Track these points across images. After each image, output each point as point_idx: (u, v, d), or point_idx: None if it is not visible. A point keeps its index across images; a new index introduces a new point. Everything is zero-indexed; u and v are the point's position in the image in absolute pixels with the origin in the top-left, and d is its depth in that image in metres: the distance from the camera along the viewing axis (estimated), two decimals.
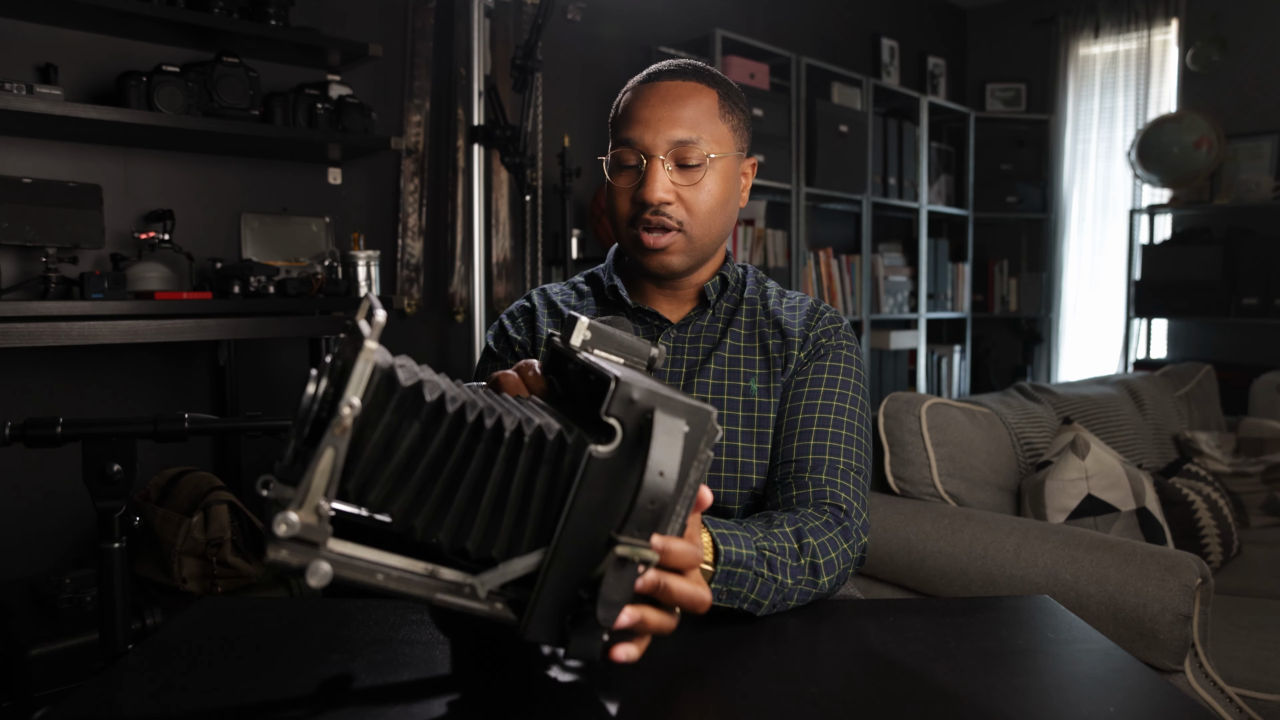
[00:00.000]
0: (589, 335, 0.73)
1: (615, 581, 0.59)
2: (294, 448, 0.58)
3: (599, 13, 3.25)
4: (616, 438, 0.60)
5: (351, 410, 0.54)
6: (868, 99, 3.98)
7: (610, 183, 1.09)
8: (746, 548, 0.86)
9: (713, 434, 0.63)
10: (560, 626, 0.61)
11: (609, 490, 0.60)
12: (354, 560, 0.57)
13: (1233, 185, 3.99)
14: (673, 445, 0.60)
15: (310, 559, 0.55)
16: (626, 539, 0.59)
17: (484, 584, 0.61)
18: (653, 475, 0.59)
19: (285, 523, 0.53)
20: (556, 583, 0.60)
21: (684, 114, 1.05)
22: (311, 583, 0.54)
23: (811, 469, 1.03)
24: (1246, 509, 2.60)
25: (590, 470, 0.60)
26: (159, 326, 2.02)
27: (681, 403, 0.61)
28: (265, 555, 0.54)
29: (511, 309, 1.22)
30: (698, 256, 1.09)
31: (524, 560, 0.61)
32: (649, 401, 0.61)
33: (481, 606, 0.61)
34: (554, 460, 0.61)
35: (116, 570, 1.05)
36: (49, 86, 1.96)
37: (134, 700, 0.70)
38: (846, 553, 0.96)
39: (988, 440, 2.10)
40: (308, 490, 0.54)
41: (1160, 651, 1.52)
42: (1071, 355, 4.81)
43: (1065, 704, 0.70)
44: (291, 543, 0.54)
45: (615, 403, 0.60)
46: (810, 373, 1.10)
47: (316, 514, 0.54)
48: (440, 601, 0.60)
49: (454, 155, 2.91)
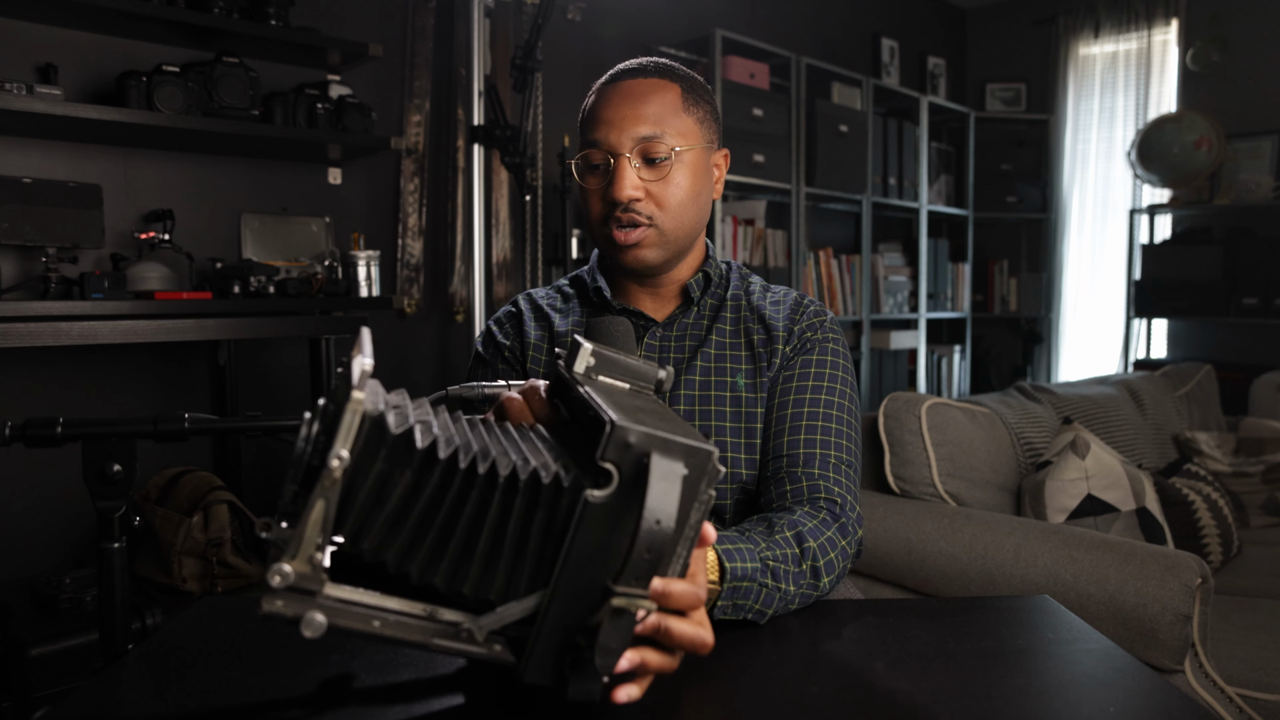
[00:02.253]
0: (593, 361, 0.72)
1: (612, 630, 0.58)
2: (292, 490, 0.58)
3: (599, 13, 3.25)
4: (613, 482, 0.59)
5: (340, 463, 0.54)
6: (868, 99, 3.98)
7: (581, 185, 1.10)
8: (751, 560, 0.86)
9: (714, 474, 0.61)
10: (559, 668, 0.61)
11: (607, 533, 0.60)
12: (350, 607, 0.58)
13: (1233, 185, 3.99)
14: (670, 491, 0.59)
15: (305, 609, 0.55)
16: (623, 589, 0.58)
17: (482, 627, 0.60)
18: (649, 524, 0.58)
19: (279, 574, 0.54)
20: (555, 625, 0.60)
21: (647, 110, 1.06)
22: (306, 634, 0.55)
23: (803, 464, 1.04)
24: (1246, 509, 2.60)
25: (586, 515, 0.59)
26: (159, 326, 2.02)
27: (680, 444, 0.60)
28: (259, 609, 0.55)
29: (499, 314, 1.23)
30: (672, 249, 1.10)
31: (522, 604, 0.61)
32: (645, 444, 0.59)
33: (479, 650, 0.60)
34: (550, 504, 0.61)
35: (116, 570, 1.05)
36: (49, 86, 1.96)
37: (134, 700, 0.70)
38: (845, 550, 0.97)
39: (988, 440, 2.10)
40: (300, 541, 0.55)
41: (1160, 651, 1.52)
42: (1071, 355, 4.80)
43: (1065, 704, 0.70)
44: (287, 593, 0.55)
45: (610, 447, 0.59)
46: (797, 367, 1.10)
47: (310, 564, 0.55)
48: (438, 647, 0.59)
49: (454, 155, 2.91)
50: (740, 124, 3.35)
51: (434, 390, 1.84)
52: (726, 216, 3.48)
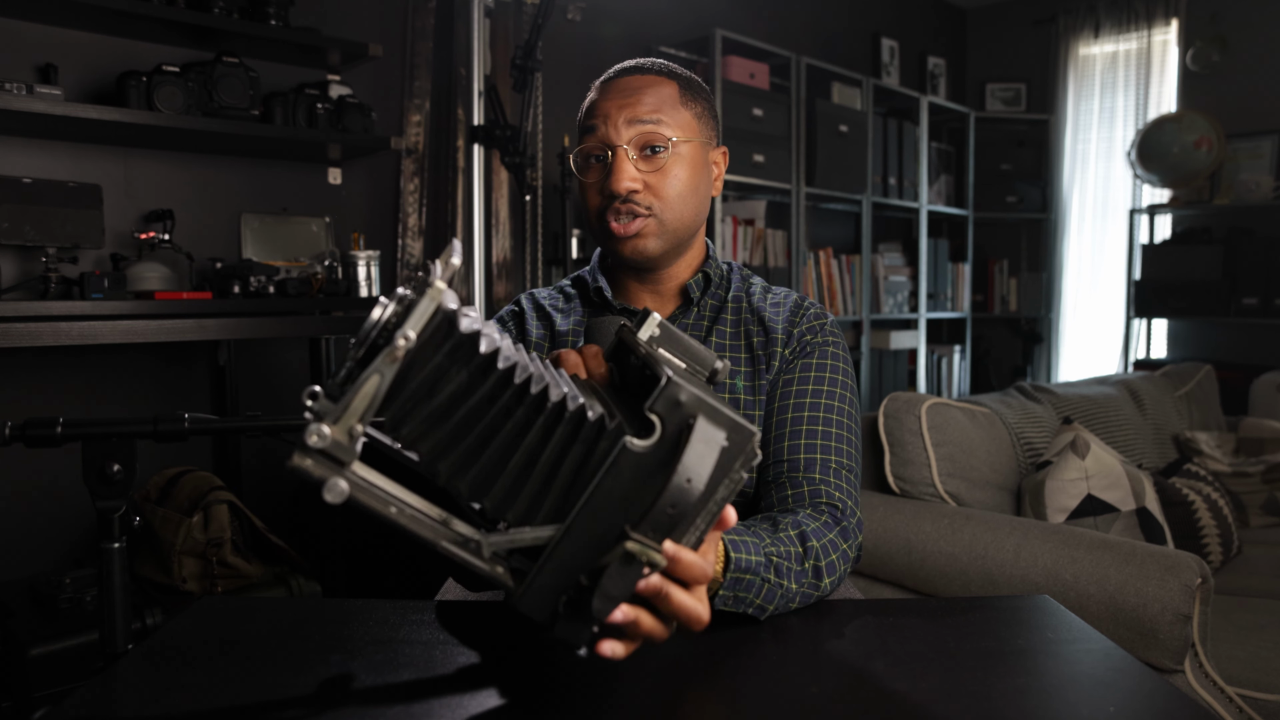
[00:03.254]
0: (657, 332, 0.72)
1: (618, 575, 0.59)
2: (348, 368, 0.59)
3: (599, 13, 3.25)
4: (654, 434, 0.60)
5: (406, 342, 0.55)
6: (868, 99, 3.98)
7: (580, 179, 1.11)
8: (756, 554, 0.86)
9: (751, 456, 0.62)
10: (553, 606, 0.61)
11: (635, 484, 0.60)
12: (372, 487, 0.57)
13: (1233, 185, 3.99)
14: (707, 455, 0.59)
15: (331, 474, 0.55)
16: (639, 536, 0.58)
17: (491, 544, 0.61)
18: (679, 480, 0.58)
19: (317, 434, 0.54)
20: (561, 562, 0.60)
21: (644, 103, 1.07)
22: (328, 498, 0.55)
23: (805, 468, 1.03)
24: (1246, 509, 2.60)
25: (620, 460, 0.60)
26: (159, 326, 2.02)
27: (727, 416, 0.61)
28: (290, 460, 0.55)
29: (501, 313, 1.24)
30: (672, 241, 1.10)
31: (535, 531, 0.61)
32: (694, 406, 0.60)
33: (483, 565, 0.61)
34: (589, 441, 0.61)
35: (116, 570, 1.05)
36: (49, 86, 1.96)
37: (134, 700, 0.70)
38: (846, 553, 0.97)
39: (988, 440, 2.10)
40: (346, 409, 0.55)
41: (1160, 651, 1.52)
42: (1071, 355, 4.80)
43: (1065, 704, 0.70)
44: (318, 455, 0.55)
45: (661, 400, 0.60)
46: (798, 370, 1.10)
47: (349, 434, 0.55)
48: (444, 550, 0.60)
49: (454, 155, 2.91)
50: (740, 124, 3.35)
51: None
52: (726, 216, 3.48)
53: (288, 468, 0.54)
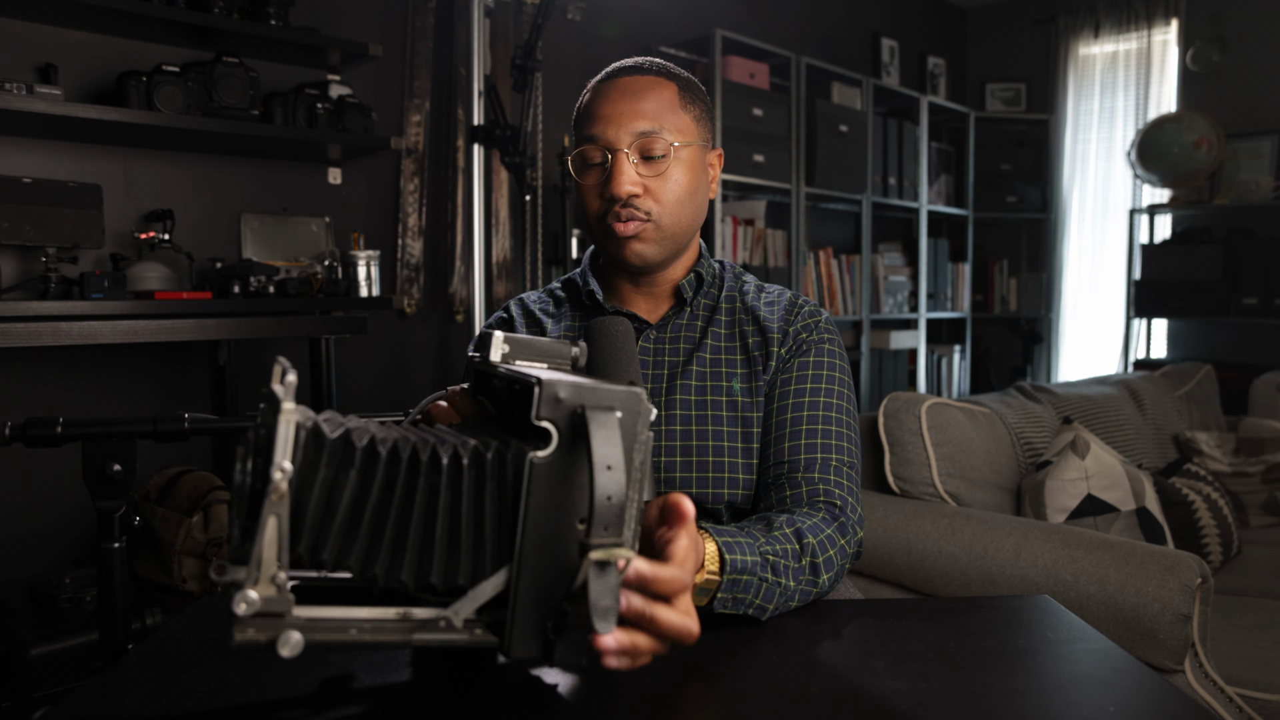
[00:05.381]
0: (507, 348, 0.72)
1: (601, 587, 0.58)
2: (240, 527, 0.57)
3: (599, 13, 3.25)
4: (553, 440, 0.60)
5: (284, 474, 0.54)
6: (868, 99, 3.98)
7: (578, 182, 1.10)
8: (751, 554, 0.86)
9: (646, 413, 0.62)
10: (543, 639, 0.61)
11: (558, 492, 0.60)
12: (324, 621, 0.57)
13: (1233, 185, 3.99)
14: (611, 437, 0.59)
15: (278, 631, 0.54)
16: (597, 541, 0.58)
17: (458, 614, 0.60)
18: (601, 472, 0.58)
19: (245, 601, 0.53)
20: (529, 595, 0.60)
21: (645, 106, 1.06)
22: (284, 653, 0.54)
23: (805, 468, 1.03)
24: (1246, 509, 2.60)
25: (535, 477, 0.59)
26: (159, 326, 2.02)
27: (609, 391, 0.61)
28: (231, 640, 0.54)
29: (490, 321, 1.23)
30: (670, 247, 1.09)
31: (492, 581, 0.61)
32: (577, 398, 0.60)
33: (461, 636, 0.60)
34: (497, 476, 0.61)
35: (116, 570, 1.05)
36: (49, 86, 1.96)
37: (134, 700, 0.70)
38: (844, 549, 0.97)
39: (988, 440, 2.10)
40: (259, 563, 0.54)
41: (1160, 651, 1.52)
42: (1071, 355, 4.80)
43: (1065, 704, 0.70)
44: (256, 619, 0.54)
45: (544, 405, 0.60)
46: (795, 370, 1.09)
47: (274, 585, 0.54)
48: (419, 642, 0.59)
49: (454, 155, 2.91)
50: (740, 124, 3.35)
51: (433, 390, 1.84)
52: (726, 216, 3.48)
53: (231, 648, 0.53)
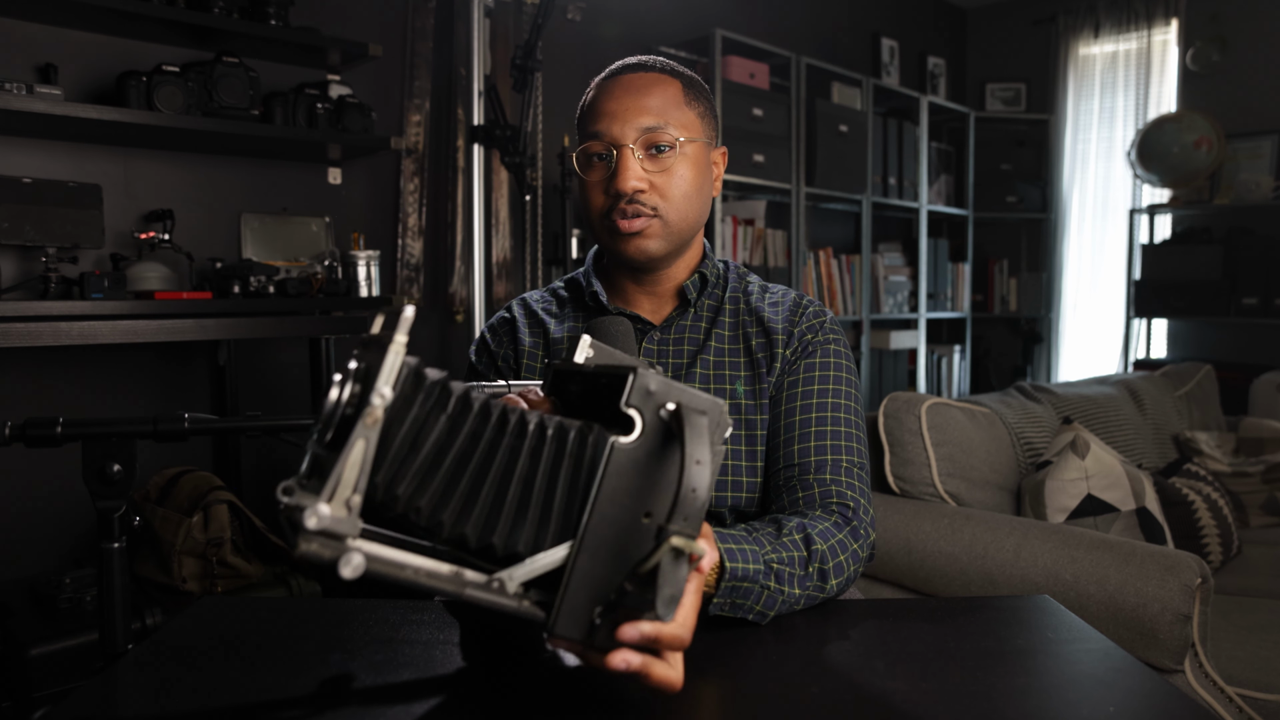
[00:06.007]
0: (591, 354, 0.73)
1: (672, 574, 0.58)
2: (312, 455, 0.57)
3: (599, 13, 3.25)
4: (637, 427, 0.61)
5: (383, 400, 0.54)
6: (868, 99, 3.98)
7: (582, 178, 1.10)
8: (754, 562, 0.85)
9: (725, 426, 0.64)
10: (589, 622, 0.61)
11: (632, 480, 0.61)
12: (382, 558, 0.57)
13: (1233, 185, 3.99)
14: (702, 434, 0.60)
15: (342, 551, 0.54)
16: (678, 529, 0.58)
17: (513, 578, 0.60)
18: (691, 465, 0.58)
19: (316, 515, 0.53)
20: (584, 575, 0.60)
21: (649, 102, 1.06)
22: (345, 574, 0.54)
23: (815, 470, 1.03)
24: (1246, 509, 2.60)
25: (613, 460, 0.60)
26: (159, 326, 2.02)
27: (694, 395, 0.63)
28: (296, 548, 0.53)
29: (492, 321, 1.23)
30: (675, 243, 1.09)
31: (551, 554, 0.61)
32: (666, 393, 0.62)
33: (510, 602, 0.60)
34: (576, 453, 0.62)
35: (116, 570, 1.05)
36: (49, 86, 1.96)
37: (134, 700, 0.70)
38: (856, 553, 0.96)
39: (988, 440, 2.10)
40: (339, 482, 0.53)
41: (1160, 651, 1.52)
42: (1071, 355, 4.80)
43: (1065, 704, 0.70)
44: (321, 536, 0.54)
45: (635, 393, 0.61)
46: (801, 371, 1.09)
47: (346, 507, 0.54)
48: (470, 597, 0.59)
49: (454, 155, 2.91)
50: (740, 124, 3.35)
51: None
52: (726, 216, 3.48)
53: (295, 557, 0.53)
